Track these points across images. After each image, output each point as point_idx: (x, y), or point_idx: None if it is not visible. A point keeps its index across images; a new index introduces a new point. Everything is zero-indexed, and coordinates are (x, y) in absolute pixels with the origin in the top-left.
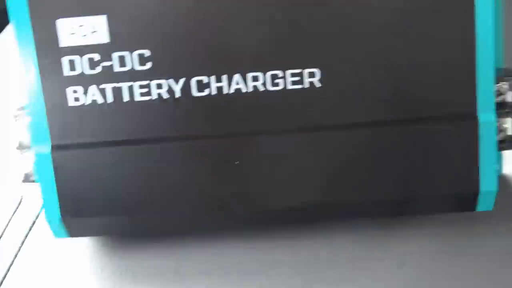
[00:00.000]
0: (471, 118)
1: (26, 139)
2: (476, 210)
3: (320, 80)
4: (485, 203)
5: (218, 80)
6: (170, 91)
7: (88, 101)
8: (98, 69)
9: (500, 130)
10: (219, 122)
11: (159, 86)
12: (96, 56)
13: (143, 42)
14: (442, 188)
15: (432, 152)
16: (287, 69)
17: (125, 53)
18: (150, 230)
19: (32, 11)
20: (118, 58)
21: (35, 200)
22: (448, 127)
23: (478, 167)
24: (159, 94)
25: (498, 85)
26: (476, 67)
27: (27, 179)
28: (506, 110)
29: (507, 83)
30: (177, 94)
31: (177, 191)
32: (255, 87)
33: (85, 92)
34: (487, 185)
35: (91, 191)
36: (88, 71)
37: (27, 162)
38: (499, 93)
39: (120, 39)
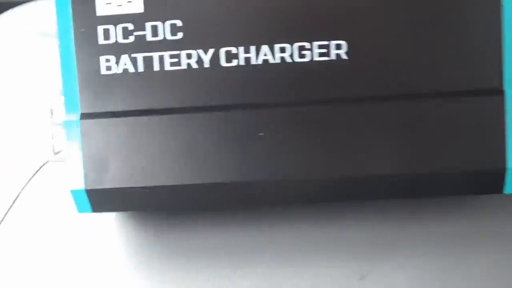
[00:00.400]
0: (498, 92)
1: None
2: (504, 192)
3: (347, 53)
4: None
5: (247, 50)
6: (200, 61)
7: (119, 70)
8: (131, 38)
9: None
10: (247, 92)
11: (189, 56)
12: (130, 26)
13: (175, 12)
14: (469, 164)
15: (459, 127)
16: (314, 41)
17: (158, 23)
18: (177, 204)
19: None
20: (151, 27)
21: None
22: (474, 101)
23: (505, 143)
24: (188, 64)
25: None
26: (502, 40)
27: (56, 156)
28: None
29: None
30: (206, 64)
31: (203, 162)
32: (282, 58)
33: (117, 61)
34: None
35: (118, 160)
36: (121, 40)
37: (59, 140)
38: None
39: (154, 9)
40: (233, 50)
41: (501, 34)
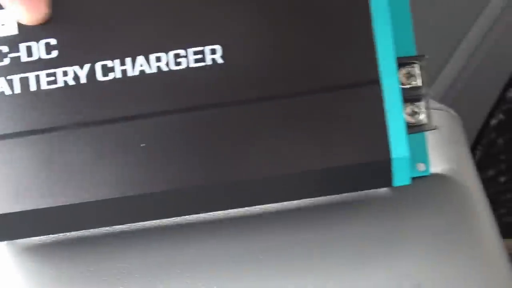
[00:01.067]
0: (374, 82)
1: None
2: (394, 185)
3: (222, 57)
4: (400, 174)
5: (122, 63)
6: (76, 77)
7: None
8: (6, 60)
9: (414, 112)
10: (126, 104)
11: (65, 73)
12: (4, 48)
13: (49, 31)
14: (354, 158)
15: (341, 122)
16: (188, 48)
17: (32, 43)
18: (67, 225)
19: None
20: (25, 48)
21: None
22: (352, 94)
23: (386, 133)
24: (65, 82)
25: (409, 67)
26: (373, 30)
27: None
28: (418, 93)
29: (417, 65)
30: (83, 80)
31: (86, 179)
32: (158, 67)
33: None
34: (399, 151)
35: (1, 185)
36: None
37: None
38: (410, 75)
39: (28, 29)
40: (109, 63)
41: (371, 24)
